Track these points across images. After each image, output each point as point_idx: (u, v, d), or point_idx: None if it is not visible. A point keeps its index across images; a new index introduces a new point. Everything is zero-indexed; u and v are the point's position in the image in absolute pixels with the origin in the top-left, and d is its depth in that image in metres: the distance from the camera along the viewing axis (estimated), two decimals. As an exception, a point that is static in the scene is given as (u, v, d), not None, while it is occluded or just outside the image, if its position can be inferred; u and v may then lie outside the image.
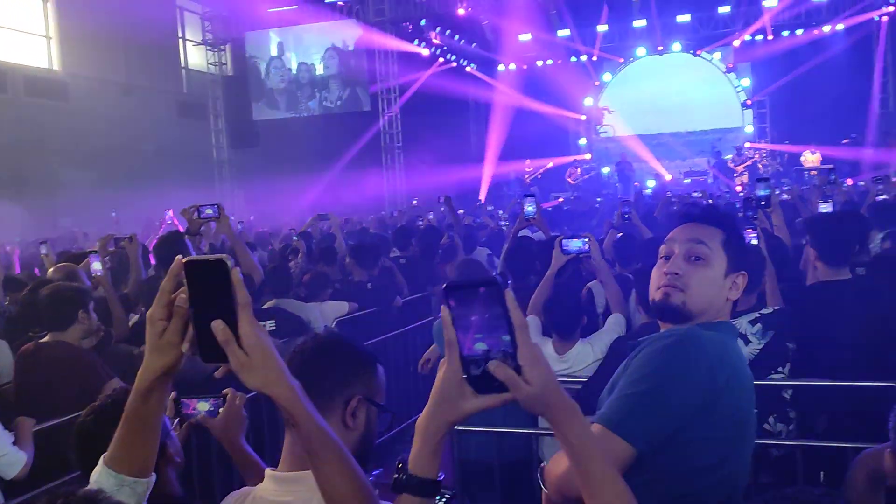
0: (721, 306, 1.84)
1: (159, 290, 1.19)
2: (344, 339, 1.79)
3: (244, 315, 1.15)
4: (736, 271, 1.85)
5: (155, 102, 19.81)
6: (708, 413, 1.65)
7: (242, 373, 1.15)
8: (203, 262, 1.15)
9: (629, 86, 23.59)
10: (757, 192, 4.27)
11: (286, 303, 5.25)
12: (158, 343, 1.19)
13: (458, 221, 8.19)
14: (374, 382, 1.72)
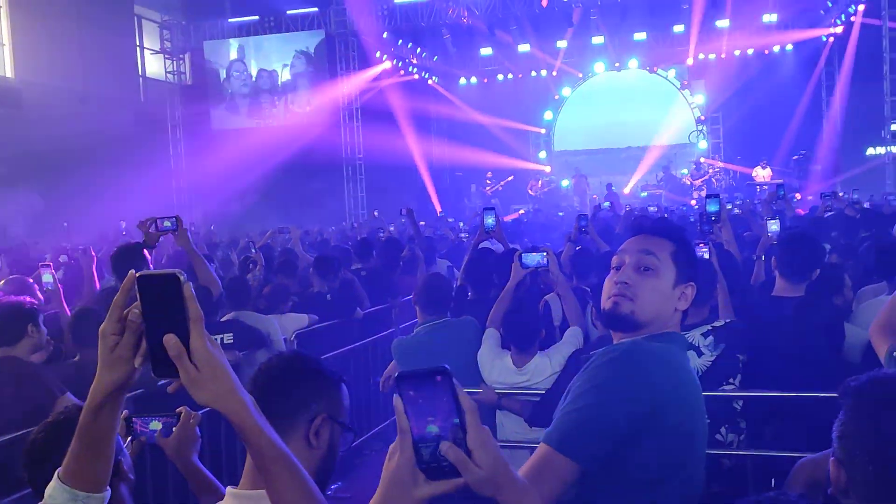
0: (670, 316, 1.86)
1: (112, 305, 1.19)
2: (309, 358, 1.80)
3: (196, 330, 1.15)
4: (685, 282, 1.87)
5: (112, 111, 19.48)
6: (653, 426, 1.65)
7: (192, 387, 1.15)
8: (156, 276, 1.15)
9: (588, 101, 23.96)
10: (708, 208, 4.38)
11: (245, 315, 5.20)
12: (110, 358, 1.19)
13: (420, 233, 8.21)
14: (338, 401, 1.74)
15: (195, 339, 1.15)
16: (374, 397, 6.42)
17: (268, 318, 5.38)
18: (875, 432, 1.49)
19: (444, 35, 20.88)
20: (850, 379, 1.59)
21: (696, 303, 3.44)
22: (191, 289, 1.16)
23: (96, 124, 18.64)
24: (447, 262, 8.09)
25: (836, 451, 1.56)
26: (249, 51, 21.16)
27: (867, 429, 1.50)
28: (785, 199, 8.24)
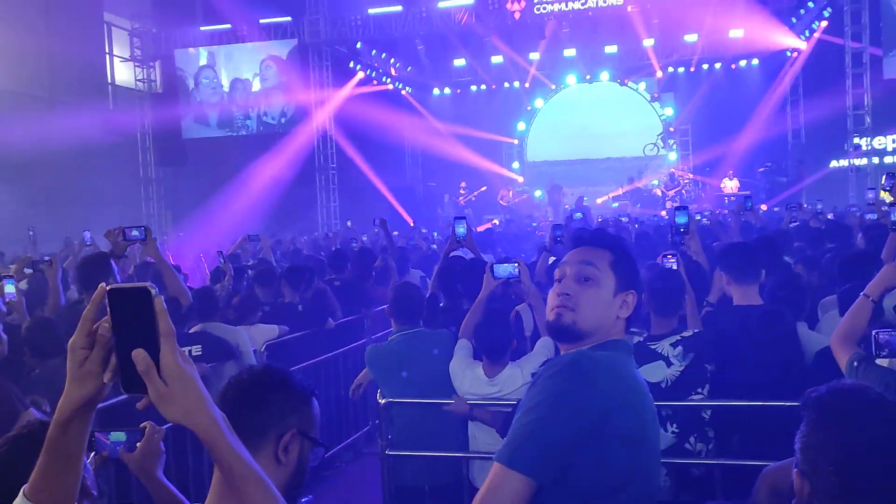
0: (612, 324, 1.89)
1: (81, 318, 1.17)
2: (279, 372, 1.78)
3: (166, 345, 1.14)
4: (625, 290, 1.90)
5: (80, 119, 19.20)
6: (600, 434, 1.67)
7: (161, 404, 1.13)
8: (127, 289, 1.13)
9: (560, 112, 24.19)
10: (676, 220, 4.44)
11: (213, 326, 5.14)
12: (79, 373, 1.16)
13: (393, 244, 8.20)
14: (309, 416, 1.71)
15: (165, 354, 1.13)
16: (345, 408, 6.39)
17: (237, 330, 5.32)
18: (837, 444, 1.51)
19: (417, 46, 20.95)
20: (810, 390, 1.62)
21: (665, 313, 3.51)
22: (162, 303, 1.14)
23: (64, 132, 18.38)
24: (420, 272, 8.10)
25: (798, 463, 1.58)
26: (220, 59, 21.02)
27: (829, 440, 1.53)
28: (753, 210, 8.37)
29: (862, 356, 2.73)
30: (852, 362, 2.71)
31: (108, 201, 19.08)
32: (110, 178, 19.82)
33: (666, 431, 3.38)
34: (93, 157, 19.17)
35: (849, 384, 1.65)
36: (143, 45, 21.55)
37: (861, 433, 1.51)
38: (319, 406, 1.78)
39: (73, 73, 18.66)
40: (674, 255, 3.89)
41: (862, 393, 1.59)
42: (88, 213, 17.64)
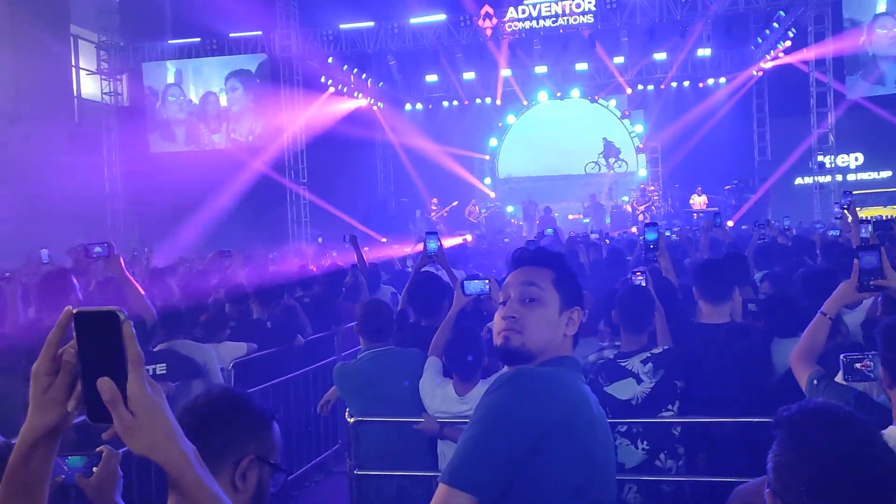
0: (560, 342, 1.88)
1: (45, 342, 1.12)
2: (238, 395, 1.72)
3: (134, 372, 1.08)
4: (570, 307, 1.90)
5: (44, 132, 18.90)
6: (543, 450, 1.64)
7: (127, 436, 1.08)
8: (94, 313, 1.08)
9: (532, 128, 24.38)
10: (646, 237, 4.46)
11: (180, 344, 5.04)
12: (42, 399, 1.12)
13: (363, 260, 8.14)
14: (269, 441, 1.66)
15: (133, 382, 1.08)
16: (315, 427, 6.30)
17: (204, 347, 5.22)
18: (809, 462, 1.51)
19: (389, 61, 20.98)
20: (782, 409, 1.62)
21: (635, 330, 3.51)
22: (131, 328, 1.09)
23: (28, 145, 18.09)
24: (391, 288, 8.04)
25: (771, 482, 1.58)
26: (188, 74, 20.86)
27: (801, 459, 1.52)
28: (722, 227, 8.46)
29: (822, 374, 2.75)
30: (812, 380, 2.73)
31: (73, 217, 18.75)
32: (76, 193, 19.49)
33: (636, 448, 3.37)
34: (58, 172, 18.86)
35: (819, 403, 1.64)
36: (111, 59, 21.32)
37: (832, 452, 1.50)
38: (288, 424, 1.74)
39: (38, 86, 18.38)
40: (643, 273, 3.90)
41: (832, 411, 1.59)
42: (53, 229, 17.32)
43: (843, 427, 1.54)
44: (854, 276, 2.74)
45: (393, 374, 4.02)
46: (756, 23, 19.09)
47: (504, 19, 18.51)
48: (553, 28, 18.51)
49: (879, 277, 2.70)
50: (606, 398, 3.42)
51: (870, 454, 1.51)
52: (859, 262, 2.72)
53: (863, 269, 2.72)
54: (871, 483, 1.48)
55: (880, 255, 2.71)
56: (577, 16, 18.23)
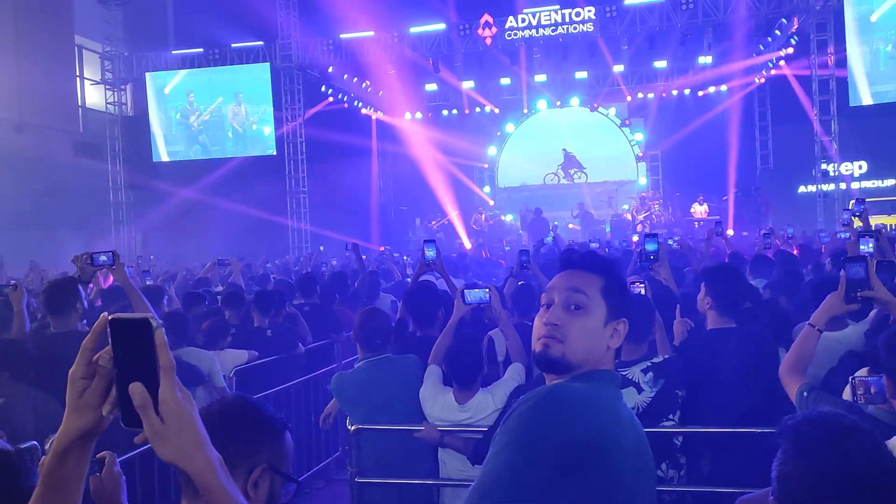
0: (602, 355, 1.76)
1: (81, 348, 1.14)
2: (251, 403, 1.71)
3: (166, 379, 1.10)
4: (616, 319, 1.78)
5: (49, 141, 18.98)
6: (577, 478, 1.53)
7: (155, 441, 1.09)
8: (128, 320, 1.10)
9: (531, 137, 24.42)
10: (646, 247, 4.47)
11: (183, 352, 5.06)
12: (78, 403, 1.13)
13: (364, 268, 8.15)
14: (281, 451, 1.65)
15: (165, 389, 1.10)
16: (315, 434, 6.31)
17: (206, 355, 5.24)
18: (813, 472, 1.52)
19: (389, 70, 21.04)
20: (786, 418, 1.62)
21: (636, 339, 3.51)
22: (163, 335, 1.11)
23: (32, 154, 18.16)
24: (391, 296, 8.05)
25: (775, 491, 1.58)
26: (192, 83, 20.93)
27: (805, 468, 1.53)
28: (723, 235, 8.47)
29: (811, 386, 2.75)
30: (802, 392, 2.73)
31: (77, 224, 18.82)
32: (80, 201, 19.58)
33: (637, 458, 3.37)
34: (62, 180, 18.93)
35: (823, 412, 1.65)
36: (115, 69, 21.43)
37: (836, 461, 1.51)
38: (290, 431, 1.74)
39: (43, 95, 18.47)
40: (642, 282, 3.91)
41: (836, 420, 1.59)
42: (57, 237, 17.38)
43: (847, 436, 1.54)
44: (841, 288, 2.74)
45: (390, 383, 4.01)
46: (757, 30, 19.13)
47: (504, 27, 18.57)
48: (553, 36, 18.57)
49: (867, 288, 2.71)
50: (607, 407, 3.42)
51: (873, 463, 1.52)
52: (846, 273, 2.73)
53: (850, 281, 2.72)
54: (874, 491, 1.48)
55: (867, 266, 2.72)
56: (577, 24, 18.29)
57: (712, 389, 3.48)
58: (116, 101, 21.83)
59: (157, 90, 21.09)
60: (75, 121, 20.98)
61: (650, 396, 3.39)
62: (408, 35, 19.31)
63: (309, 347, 6.60)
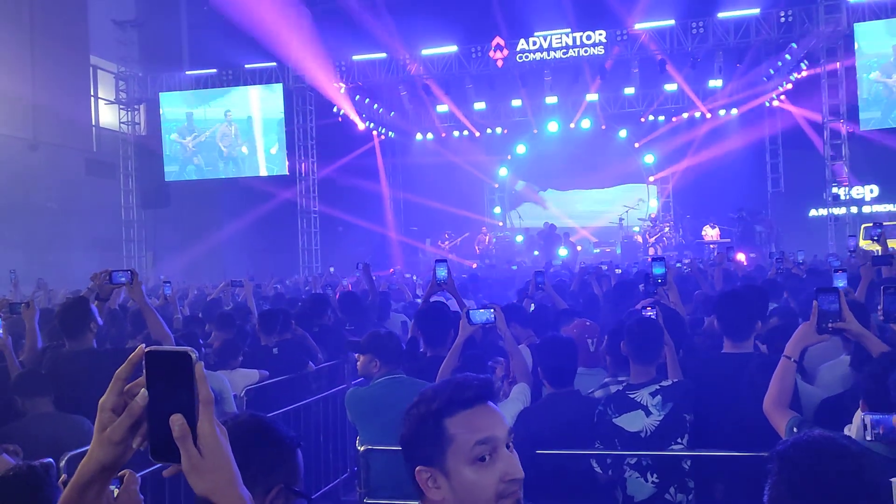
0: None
1: (115, 377, 1.11)
2: (265, 422, 1.70)
3: (206, 413, 1.09)
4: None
5: (62, 160, 19.20)
6: None
7: (192, 474, 1.08)
8: (166, 353, 1.10)
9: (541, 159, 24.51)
10: (654, 271, 4.49)
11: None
12: (101, 437, 1.10)
13: (374, 288, 8.18)
14: (295, 469, 1.67)
15: (204, 422, 1.09)
16: (325, 455, 6.30)
17: (217, 375, 5.27)
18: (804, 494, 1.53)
19: (400, 92, 21.21)
20: (780, 443, 1.64)
21: (644, 362, 3.52)
22: (202, 369, 1.10)
23: (46, 173, 18.36)
24: (403, 316, 8.06)
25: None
26: (205, 104, 21.14)
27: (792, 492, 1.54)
28: (734, 259, 8.46)
29: (800, 420, 2.76)
30: (791, 427, 2.73)
31: (89, 243, 18.97)
32: (92, 219, 19.74)
33: (646, 482, 3.36)
34: (75, 199, 19.11)
35: (813, 436, 1.66)
36: (129, 89, 21.69)
37: (822, 484, 1.52)
38: (301, 449, 1.75)
39: (57, 114, 18.71)
40: (653, 307, 3.92)
41: (824, 444, 1.60)
42: (69, 255, 17.52)
43: (835, 461, 1.55)
44: (813, 318, 2.76)
45: (402, 402, 4.00)
46: (768, 54, 19.20)
47: (516, 50, 18.72)
48: (564, 59, 18.69)
49: (839, 320, 2.73)
50: (615, 430, 3.42)
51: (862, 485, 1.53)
52: (819, 304, 2.74)
53: (822, 312, 2.74)
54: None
55: (839, 298, 2.74)
56: (588, 47, 18.42)
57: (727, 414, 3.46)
58: (130, 120, 22.07)
59: (169, 111, 21.30)
60: (89, 140, 21.22)
61: (658, 420, 3.38)
62: (420, 57, 19.48)
63: (318, 367, 6.61)
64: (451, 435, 1.48)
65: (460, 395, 1.51)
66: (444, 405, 1.51)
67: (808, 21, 17.44)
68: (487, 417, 1.50)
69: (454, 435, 1.48)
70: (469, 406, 1.50)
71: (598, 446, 3.47)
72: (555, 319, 5.38)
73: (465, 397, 1.50)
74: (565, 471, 3.36)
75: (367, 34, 19.47)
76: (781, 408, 2.82)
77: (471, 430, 1.47)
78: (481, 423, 1.48)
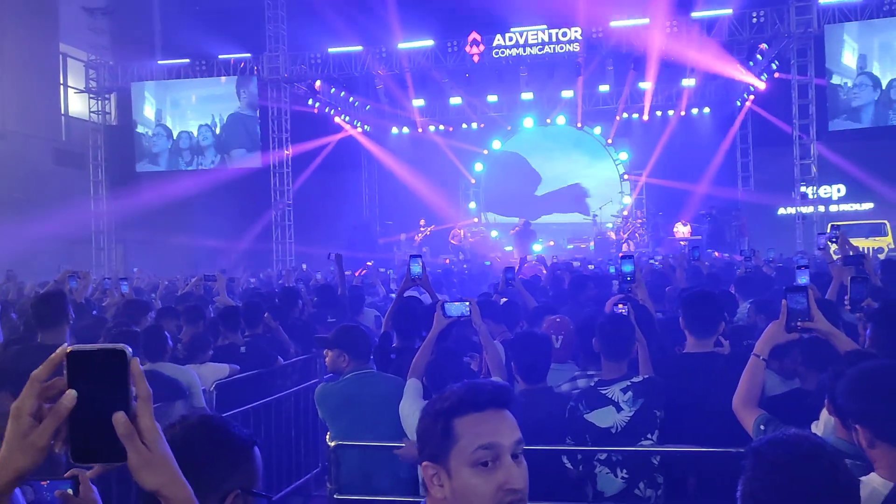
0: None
1: (30, 380, 1.04)
2: (217, 426, 1.63)
3: (145, 409, 1.07)
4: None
5: (30, 149, 18.84)
6: None
7: (143, 470, 1.06)
8: (95, 352, 1.05)
9: (517, 154, 24.57)
10: (623, 269, 4.52)
11: (162, 366, 5.01)
12: (23, 443, 1.03)
13: (344, 280, 8.12)
14: (252, 471, 1.60)
15: (144, 418, 1.06)
16: (295, 450, 6.26)
17: (186, 369, 5.19)
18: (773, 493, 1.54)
19: (376, 85, 21.12)
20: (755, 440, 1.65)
21: (615, 358, 3.54)
22: (138, 365, 1.07)
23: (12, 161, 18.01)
24: (375, 311, 8.03)
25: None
26: (178, 94, 20.87)
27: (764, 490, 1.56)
28: (700, 259, 8.56)
29: (768, 418, 2.79)
30: (758, 425, 2.76)
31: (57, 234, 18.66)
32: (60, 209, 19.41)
33: (616, 477, 3.39)
34: (43, 189, 18.77)
35: (788, 434, 1.68)
36: (99, 77, 21.32)
37: (796, 482, 1.53)
38: (268, 447, 1.70)
39: (24, 102, 18.36)
40: (624, 304, 3.94)
41: (799, 443, 1.62)
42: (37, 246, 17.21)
43: (809, 459, 1.57)
44: (782, 317, 2.79)
45: (373, 398, 4.00)
46: (739, 54, 19.42)
47: (492, 45, 18.73)
48: (539, 55, 18.74)
49: (807, 319, 2.76)
50: (586, 426, 3.44)
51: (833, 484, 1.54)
52: (787, 302, 2.77)
53: (791, 311, 2.77)
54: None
55: (808, 297, 2.77)
56: (564, 44, 18.48)
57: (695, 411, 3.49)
58: (100, 110, 21.71)
59: (140, 101, 20.98)
60: (57, 129, 20.86)
61: (629, 416, 3.40)
62: (396, 50, 19.41)
63: (290, 362, 6.56)
64: (456, 435, 1.49)
65: (473, 398, 1.51)
66: (456, 405, 1.51)
67: (780, 22, 17.66)
68: (496, 424, 1.50)
69: (460, 436, 1.48)
70: (480, 409, 1.50)
71: (570, 442, 3.49)
72: (527, 315, 5.40)
73: (477, 400, 1.51)
74: (536, 466, 3.36)
75: (343, 27, 19.35)
76: (750, 405, 2.86)
77: (476, 434, 1.47)
78: (488, 429, 1.49)
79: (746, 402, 2.86)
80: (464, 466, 1.47)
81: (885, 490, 1.95)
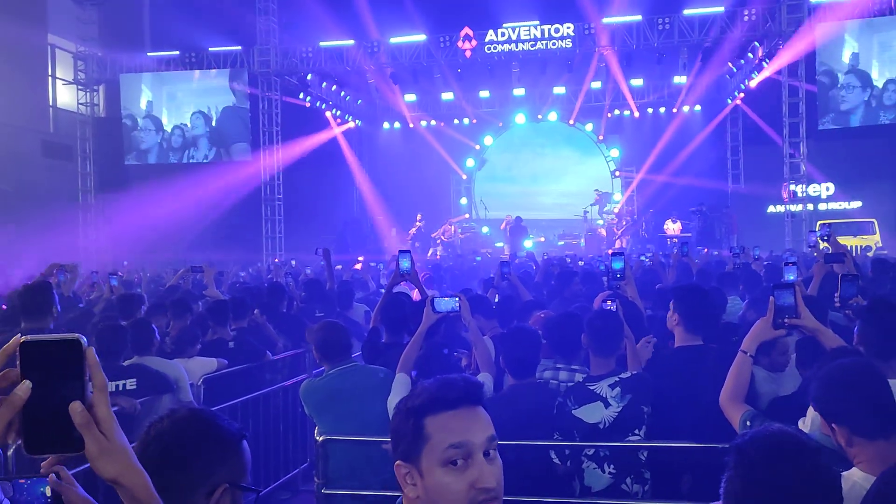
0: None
1: None
2: (206, 420, 1.62)
3: (101, 398, 1.07)
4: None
5: (17, 141, 18.68)
6: None
7: (101, 459, 1.06)
8: (50, 342, 1.05)
9: (509, 149, 24.57)
10: (613, 265, 4.52)
11: (149, 360, 4.98)
12: None
13: (333, 275, 8.09)
14: (240, 465, 1.59)
15: (101, 407, 1.07)
16: (283, 445, 6.25)
17: (173, 363, 5.17)
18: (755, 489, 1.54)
19: (368, 80, 21.05)
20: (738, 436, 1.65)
21: (604, 354, 3.54)
22: (94, 354, 1.07)
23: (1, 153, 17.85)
24: (364, 306, 8.01)
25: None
26: (167, 86, 20.73)
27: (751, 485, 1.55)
28: (688, 255, 8.59)
29: (754, 414, 2.80)
30: (745, 421, 2.77)
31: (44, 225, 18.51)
32: (47, 201, 19.26)
33: (603, 472, 3.39)
34: (30, 181, 18.63)
35: (772, 430, 1.67)
36: (88, 69, 21.16)
37: (777, 478, 1.53)
38: (256, 442, 1.69)
39: (11, 94, 18.19)
40: (613, 300, 3.94)
41: (781, 440, 1.62)
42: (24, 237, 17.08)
43: (792, 456, 1.57)
44: (770, 314, 2.80)
45: (359, 391, 3.99)
46: (731, 52, 19.47)
47: (484, 41, 18.70)
48: (532, 51, 18.74)
49: (794, 315, 2.77)
50: (574, 421, 3.44)
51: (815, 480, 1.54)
52: (775, 299, 2.78)
53: (778, 307, 2.78)
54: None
55: (795, 293, 2.78)
56: (556, 40, 18.47)
57: (683, 406, 3.50)
58: (89, 101, 21.55)
59: (129, 93, 20.83)
60: (45, 121, 20.69)
61: (617, 411, 3.40)
62: (388, 45, 19.34)
63: (280, 356, 6.53)
64: (427, 434, 1.46)
65: (444, 395, 1.48)
66: (427, 403, 1.48)
67: (771, 21, 17.70)
68: (467, 421, 1.47)
69: (430, 434, 1.46)
70: (452, 407, 1.47)
71: (558, 437, 3.49)
72: (520, 311, 5.40)
73: (448, 397, 1.48)
74: (524, 462, 3.36)
75: (335, 21, 19.26)
76: (737, 401, 2.86)
77: (446, 432, 1.44)
78: (458, 426, 1.45)
79: (733, 398, 2.87)
80: (435, 465, 1.44)
81: (867, 484, 1.96)
